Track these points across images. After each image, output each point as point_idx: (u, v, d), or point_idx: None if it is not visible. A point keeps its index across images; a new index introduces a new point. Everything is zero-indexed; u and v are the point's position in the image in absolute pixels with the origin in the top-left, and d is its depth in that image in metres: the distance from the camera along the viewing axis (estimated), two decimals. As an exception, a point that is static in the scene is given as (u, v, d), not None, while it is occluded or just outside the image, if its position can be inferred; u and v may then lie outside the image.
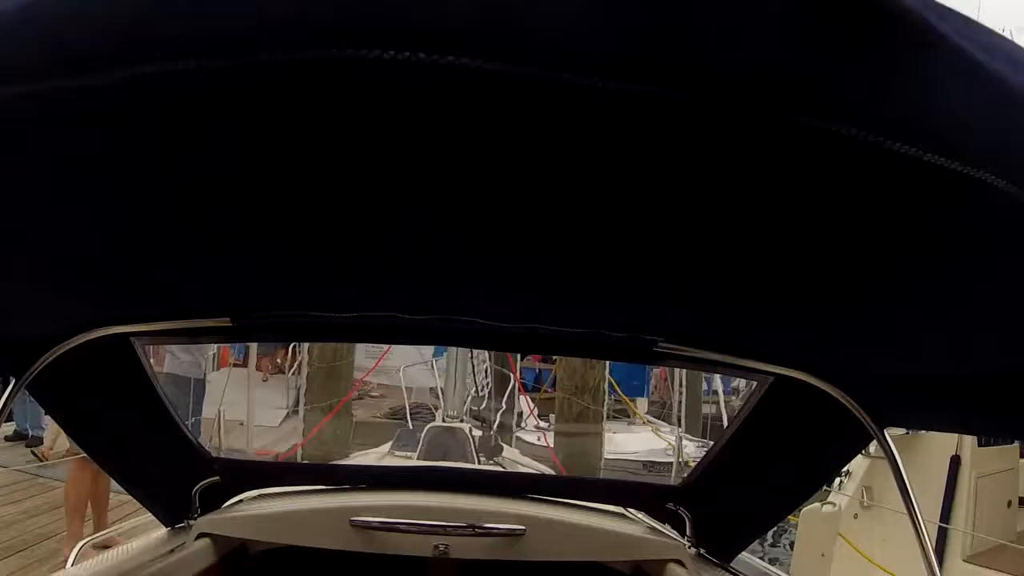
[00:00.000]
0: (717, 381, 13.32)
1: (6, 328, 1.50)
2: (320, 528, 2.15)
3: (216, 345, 11.03)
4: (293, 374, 11.93)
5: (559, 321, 1.53)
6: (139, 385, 2.02)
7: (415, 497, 2.21)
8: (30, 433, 8.67)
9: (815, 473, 2.10)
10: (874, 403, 1.63)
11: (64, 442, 7.77)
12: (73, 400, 1.93)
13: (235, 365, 12.29)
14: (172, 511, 2.25)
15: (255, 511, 2.26)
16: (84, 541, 2.38)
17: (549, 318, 1.51)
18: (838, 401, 1.64)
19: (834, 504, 6.65)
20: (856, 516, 6.33)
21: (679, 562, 2.10)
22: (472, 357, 6.43)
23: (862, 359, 1.48)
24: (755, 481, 2.11)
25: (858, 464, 6.57)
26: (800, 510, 6.88)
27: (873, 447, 6.41)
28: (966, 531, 5.51)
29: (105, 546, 2.44)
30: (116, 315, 1.62)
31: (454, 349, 6.38)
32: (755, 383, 2.00)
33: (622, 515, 2.40)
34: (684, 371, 12.76)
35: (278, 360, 13.18)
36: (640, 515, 2.42)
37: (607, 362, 11.01)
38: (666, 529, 2.30)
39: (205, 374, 7.54)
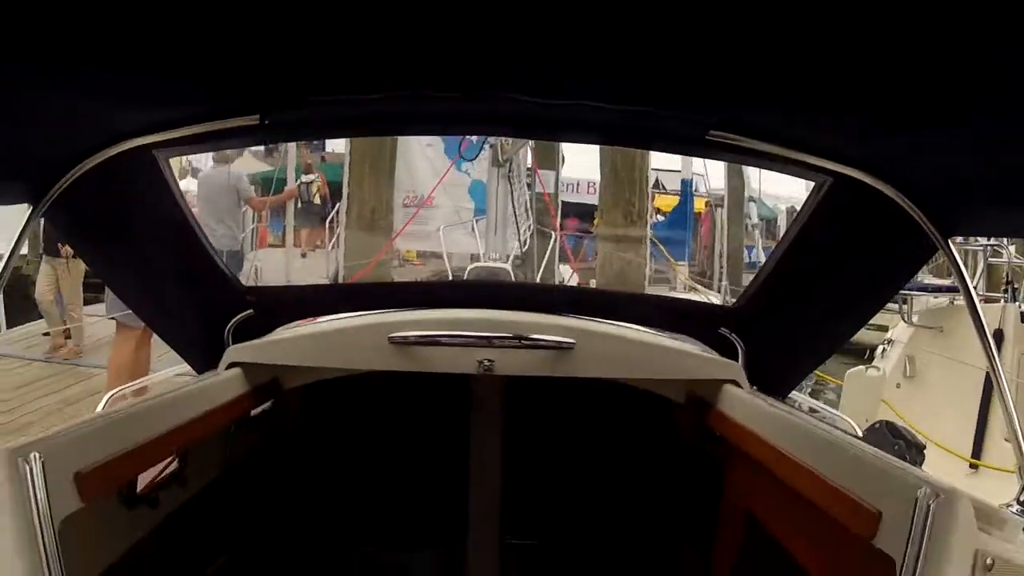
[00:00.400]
0: (759, 253, 13.00)
1: (23, 148, 1.39)
2: (356, 347, 2.03)
3: (254, 222, 11.05)
4: (332, 248, 11.96)
5: (609, 96, 1.37)
6: (167, 208, 1.89)
7: (458, 312, 2.09)
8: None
9: (872, 292, 1.93)
10: (936, 207, 1.46)
11: (94, 333, 7.92)
12: (96, 226, 1.80)
13: (272, 246, 12.41)
14: (206, 356, 2.14)
15: (287, 335, 2.16)
16: (114, 391, 2.31)
17: (599, 92, 1.36)
18: (898, 207, 1.47)
19: (878, 369, 6.75)
20: (899, 386, 6.39)
21: (735, 383, 1.95)
22: (513, 202, 6.29)
23: (925, 156, 1.33)
24: (810, 300, 1.96)
25: (902, 332, 6.67)
26: (845, 372, 6.96)
27: (916, 317, 6.38)
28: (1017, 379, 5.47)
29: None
30: (138, 125, 1.49)
31: (495, 188, 6.16)
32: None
33: (673, 338, 2.26)
34: (726, 235, 12.49)
35: (317, 243, 13.27)
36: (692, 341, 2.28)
37: (649, 219, 10.92)
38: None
39: (242, 246, 7.53)
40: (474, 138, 8.35)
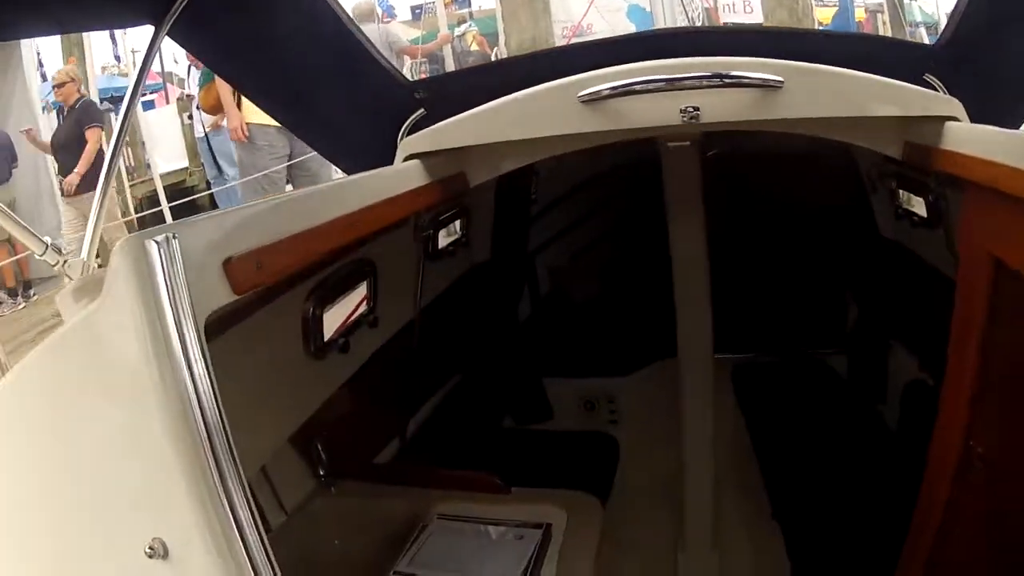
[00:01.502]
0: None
1: None
2: (544, 112, 1.79)
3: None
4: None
5: None
6: (311, 4, 1.75)
7: (651, 62, 1.80)
8: None
9: None
10: None
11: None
12: (233, 39, 1.69)
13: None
14: (379, 167, 1.91)
15: (466, 114, 1.89)
16: None
17: None
18: None
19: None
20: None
21: (955, 118, 1.65)
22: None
23: None
24: (1019, 28, 1.75)
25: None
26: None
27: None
28: None
29: None
30: None
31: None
32: None
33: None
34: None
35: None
36: None
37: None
38: None
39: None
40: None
